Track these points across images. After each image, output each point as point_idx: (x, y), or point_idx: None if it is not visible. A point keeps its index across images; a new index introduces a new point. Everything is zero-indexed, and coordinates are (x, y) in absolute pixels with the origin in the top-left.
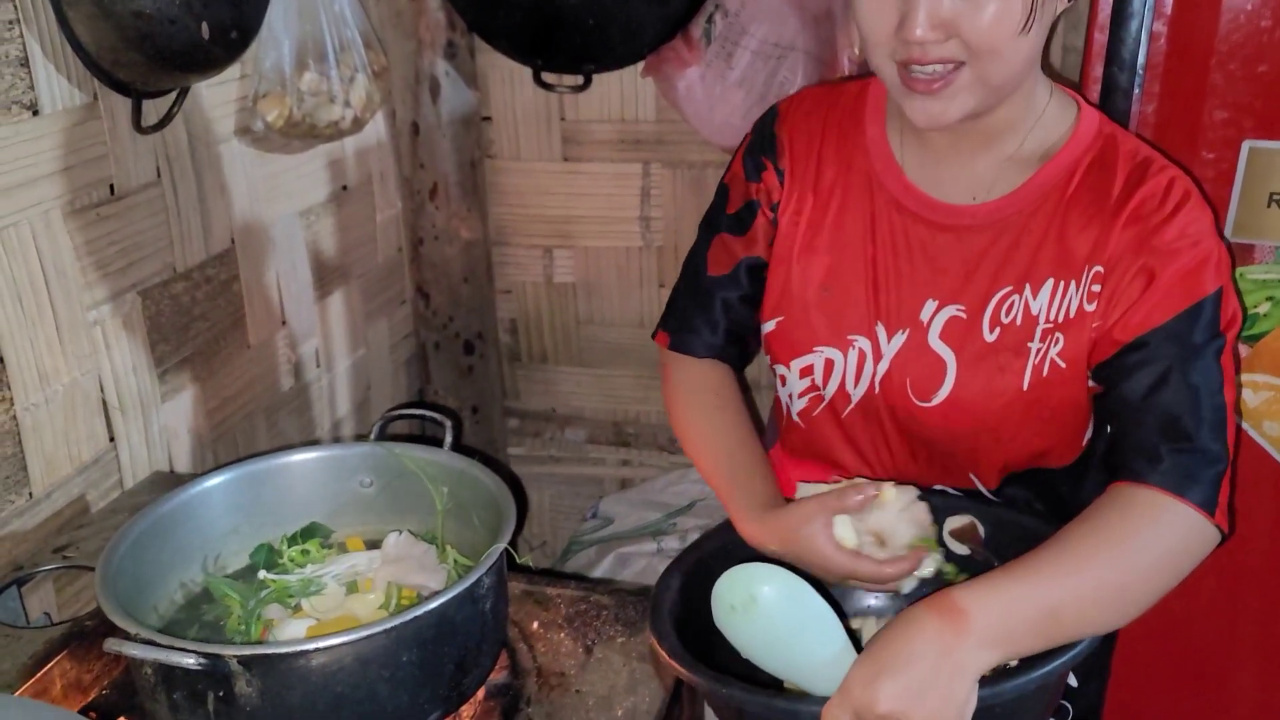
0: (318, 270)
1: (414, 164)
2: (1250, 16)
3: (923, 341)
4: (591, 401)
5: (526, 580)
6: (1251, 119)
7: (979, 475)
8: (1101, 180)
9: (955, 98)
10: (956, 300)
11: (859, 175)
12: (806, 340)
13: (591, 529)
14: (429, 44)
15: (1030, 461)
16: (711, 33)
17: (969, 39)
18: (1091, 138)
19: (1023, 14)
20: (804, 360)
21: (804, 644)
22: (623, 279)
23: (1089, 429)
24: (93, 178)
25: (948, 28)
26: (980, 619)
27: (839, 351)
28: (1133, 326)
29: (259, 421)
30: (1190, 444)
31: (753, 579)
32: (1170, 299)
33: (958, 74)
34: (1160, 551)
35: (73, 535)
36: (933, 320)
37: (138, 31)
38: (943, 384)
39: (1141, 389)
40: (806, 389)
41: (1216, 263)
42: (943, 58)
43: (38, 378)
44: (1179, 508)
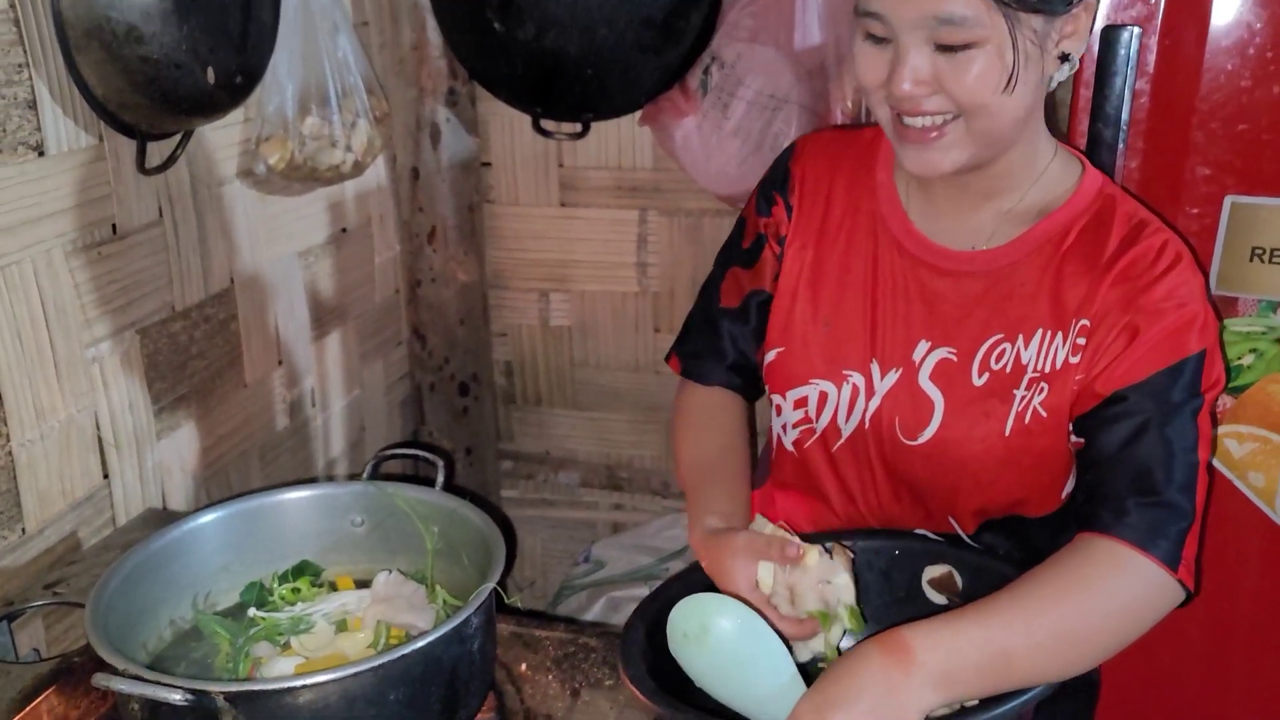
0: (315, 311)
1: (413, 207)
2: (1230, 77)
3: (913, 381)
4: (585, 445)
5: (515, 622)
6: (1233, 175)
7: (958, 519)
8: (1096, 238)
9: (949, 149)
10: (948, 343)
11: (865, 217)
12: (803, 372)
13: (583, 573)
14: (431, 91)
15: (1009, 509)
16: (708, 84)
17: (954, 95)
18: (1092, 197)
19: (1003, 73)
20: (799, 391)
21: (754, 675)
22: (618, 323)
23: (1069, 481)
24: (96, 217)
25: (932, 84)
26: (927, 658)
27: (833, 385)
28: (1113, 380)
29: (253, 460)
30: (1158, 498)
31: (707, 609)
32: (1153, 356)
33: (951, 126)
34: (1119, 604)
35: (64, 572)
36: (924, 361)
37: (144, 76)
38: (929, 424)
39: (1116, 442)
40: (800, 420)
41: (1202, 326)
42: (934, 110)
43: (34, 414)
44: (1141, 561)
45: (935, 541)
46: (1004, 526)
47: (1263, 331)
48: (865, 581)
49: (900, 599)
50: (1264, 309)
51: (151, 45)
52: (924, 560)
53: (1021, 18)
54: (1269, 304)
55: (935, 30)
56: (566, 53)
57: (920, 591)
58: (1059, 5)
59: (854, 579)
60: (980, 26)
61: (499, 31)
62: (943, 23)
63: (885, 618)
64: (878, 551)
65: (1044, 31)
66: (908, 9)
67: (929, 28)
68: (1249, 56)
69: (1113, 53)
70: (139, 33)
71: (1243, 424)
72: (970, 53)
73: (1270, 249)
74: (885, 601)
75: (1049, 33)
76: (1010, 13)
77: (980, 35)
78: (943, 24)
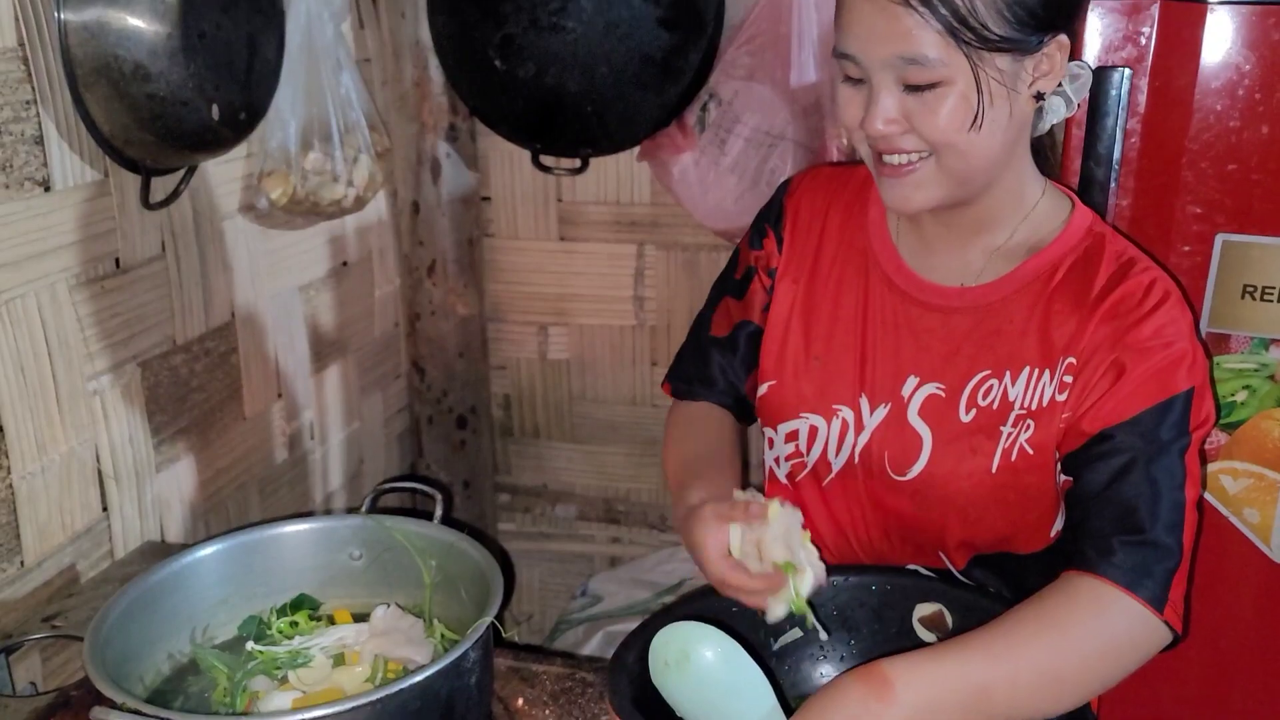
0: (315, 344)
1: (413, 241)
2: (1219, 117)
3: (902, 416)
4: (583, 478)
5: (512, 656)
6: (1223, 214)
7: (947, 554)
8: (1084, 275)
9: (921, 186)
10: (937, 379)
11: (857, 253)
12: (794, 406)
13: (580, 607)
14: (431, 127)
15: (997, 545)
16: (705, 120)
17: (923, 134)
18: (1081, 235)
19: (970, 113)
20: (790, 425)
21: (734, 704)
22: (616, 357)
23: (1057, 519)
24: (100, 252)
25: (903, 123)
26: (906, 691)
27: (823, 419)
28: (1100, 419)
29: (252, 493)
30: (1144, 537)
31: (688, 638)
32: (1140, 394)
33: (924, 164)
34: (1101, 643)
35: (62, 604)
36: (913, 396)
37: (150, 112)
38: (918, 460)
39: (1102, 480)
40: (791, 453)
41: (1190, 364)
42: (909, 148)
43: (35, 447)
44: (1126, 601)
45: (926, 579)
46: (993, 563)
47: (1255, 368)
48: (856, 618)
49: (892, 635)
50: (1256, 346)
51: (158, 83)
52: (915, 597)
53: (986, 57)
54: (1261, 341)
55: (903, 70)
56: (566, 90)
57: (911, 629)
58: (1025, 44)
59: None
60: (945, 66)
61: (500, 69)
62: (909, 63)
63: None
64: (869, 588)
65: (1012, 71)
66: (875, 50)
67: (897, 68)
68: (1238, 97)
69: (1104, 93)
70: (146, 70)
71: (1237, 460)
72: (938, 92)
73: (1261, 286)
74: (876, 639)
75: (1018, 72)
76: (973, 52)
77: (946, 75)
78: (909, 64)
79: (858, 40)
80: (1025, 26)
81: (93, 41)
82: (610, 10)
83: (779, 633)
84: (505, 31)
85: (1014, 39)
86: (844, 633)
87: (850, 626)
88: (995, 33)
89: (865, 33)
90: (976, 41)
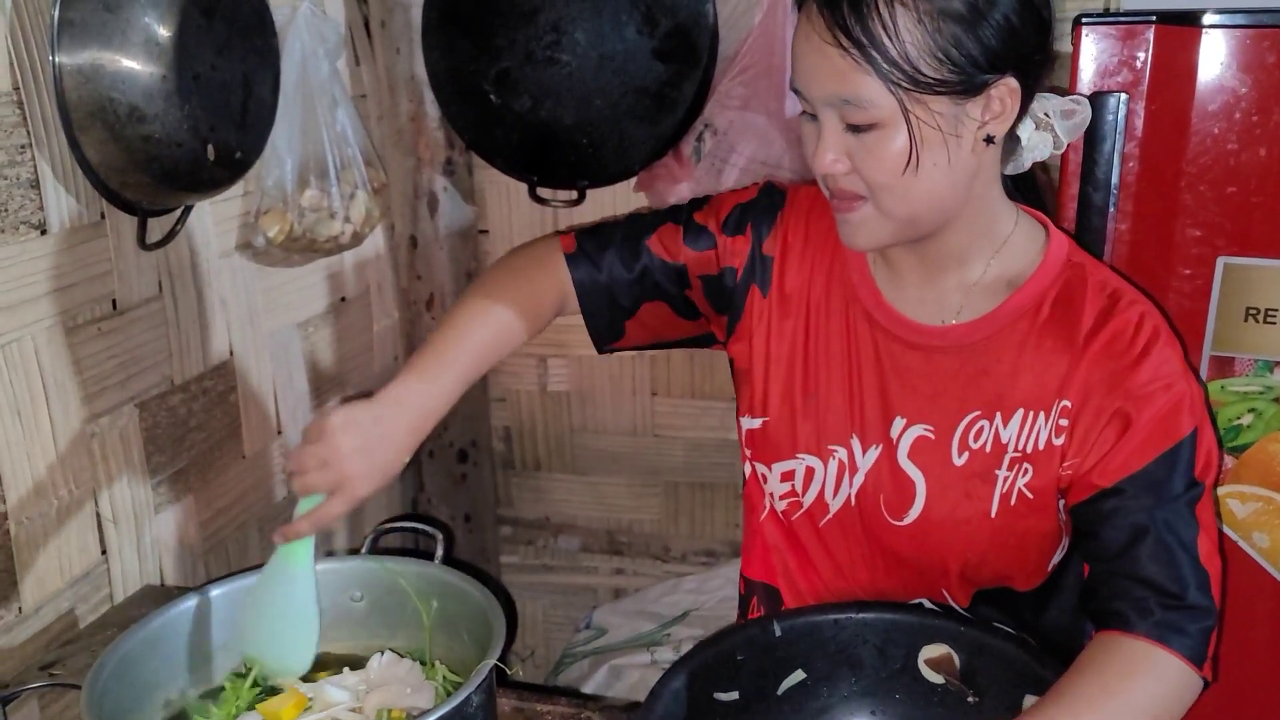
0: (315, 380)
1: (411, 275)
2: (1217, 140)
3: (893, 459)
4: (585, 510)
5: (516, 696)
6: (1224, 237)
7: (950, 592)
8: (1070, 312)
9: (864, 225)
10: (923, 420)
11: (839, 285)
12: (789, 446)
13: (585, 640)
14: (428, 161)
15: (997, 582)
16: (701, 150)
17: (864, 175)
18: (1060, 267)
19: (903, 156)
20: (786, 465)
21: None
22: (616, 388)
23: (1056, 555)
24: (96, 294)
25: (845, 162)
26: None
27: (819, 461)
28: (1110, 473)
29: (251, 533)
30: (1180, 601)
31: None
32: (1147, 445)
33: (863, 205)
34: (1154, 704)
35: (60, 652)
36: (901, 438)
37: (146, 154)
38: (913, 505)
39: (1123, 539)
40: (787, 493)
41: (1191, 403)
42: (846, 190)
43: (34, 491)
44: (1172, 661)
45: (931, 616)
46: (993, 597)
47: (1260, 391)
48: (859, 655)
49: (895, 671)
50: (1260, 368)
51: (154, 125)
52: (921, 636)
53: (922, 99)
54: (1265, 364)
55: (842, 110)
56: (562, 123)
57: (915, 666)
58: (965, 86)
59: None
60: (879, 109)
61: (495, 103)
62: (845, 103)
63: (879, 691)
64: (872, 626)
65: (952, 115)
66: (816, 89)
67: (837, 106)
68: (1235, 120)
69: (1101, 118)
70: (141, 113)
71: (1245, 484)
72: (876, 134)
73: (1264, 309)
74: (879, 676)
75: (959, 116)
76: (905, 95)
77: (881, 117)
78: (845, 104)
79: (802, 78)
80: (963, 70)
81: (88, 85)
82: (604, 43)
83: (781, 676)
84: (500, 65)
85: (950, 81)
86: (846, 670)
87: (853, 664)
88: (929, 76)
89: (808, 71)
90: (909, 84)
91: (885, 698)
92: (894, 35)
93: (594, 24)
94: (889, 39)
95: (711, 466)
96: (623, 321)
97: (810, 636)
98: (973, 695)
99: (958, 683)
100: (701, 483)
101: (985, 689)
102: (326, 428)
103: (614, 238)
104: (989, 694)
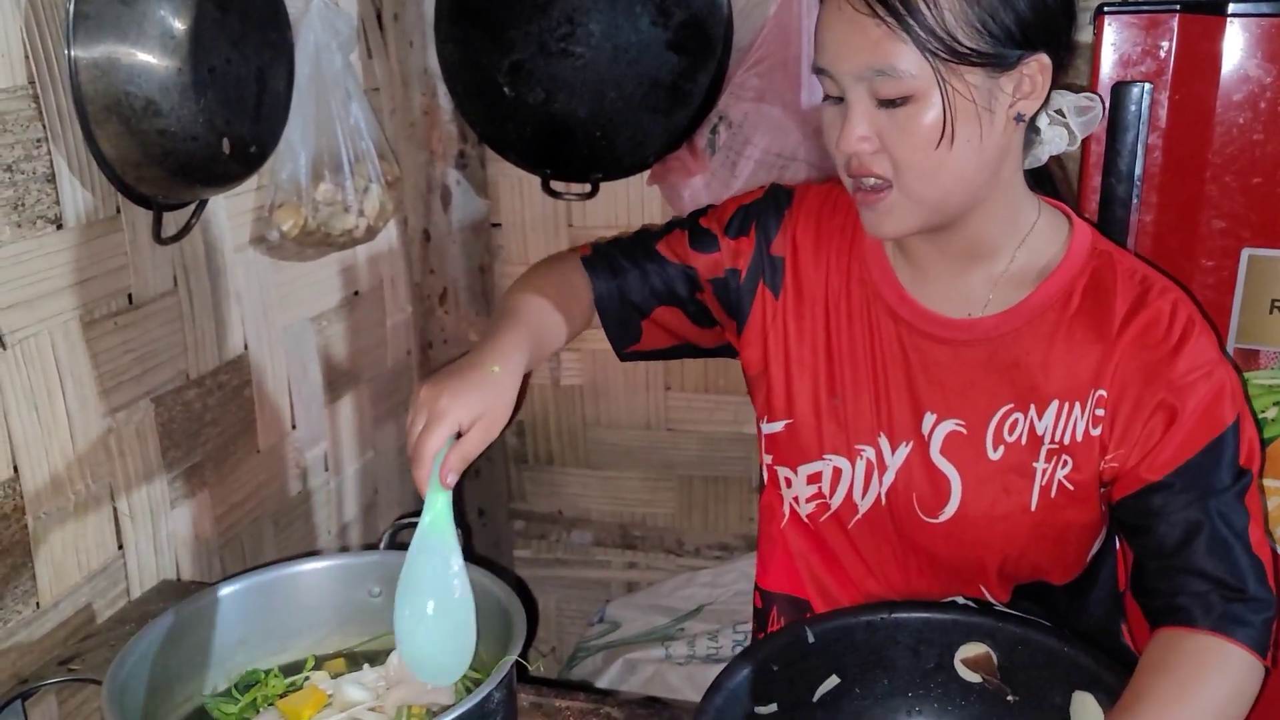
0: (328, 375)
1: (425, 269)
2: (1243, 130)
3: (925, 456)
4: (598, 504)
5: (534, 691)
6: (1249, 229)
7: (988, 588)
8: (1101, 301)
9: (891, 212)
10: (955, 415)
11: (858, 282)
12: (815, 447)
13: (598, 634)
14: (441, 155)
15: (1033, 576)
16: (715, 143)
17: (893, 153)
18: (1086, 256)
19: (936, 130)
20: (812, 467)
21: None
22: (629, 382)
23: (1094, 546)
24: (112, 288)
25: (875, 141)
26: None
27: (847, 461)
28: (1159, 466)
29: (266, 527)
30: (1243, 594)
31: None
32: (1194, 436)
33: (887, 193)
34: (1227, 698)
35: (78, 646)
36: (933, 434)
37: (161, 148)
38: (948, 502)
39: (1177, 535)
40: (813, 495)
41: (1232, 391)
42: (873, 171)
43: (51, 486)
44: (1241, 654)
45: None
46: (1030, 593)
47: None
48: (891, 656)
49: (929, 670)
50: None
51: (169, 118)
52: (956, 635)
53: (958, 71)
54: None
55: (874, 83)
56: (575, 115)
57: (950, 664)
58: (1000, 60)
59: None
60: (915, 79)
61: (509, 96)
62: (878, 74)
63: (914, 692)
64: (904, 626)
65: (986, 88)
66: (847, 64)
67: (868, 81)
68: (1260, 110)
69: (1124, 108)
70: (157, 106)
71: (1270, 478)
72: (909, 108)
73: None
74: (912, 676)
75: (993, 90)
76: (943, 65)
77: (916, 88)
78: (878, 76)
79: (831, 54)
80: (999, 41)
81: (103, 78)
82: (618, 35)
83: (816, 683)
84: (514, 58)
85: (986, 53)
86: (880, 672)
87: (886, 666)
88: (966, 45)
89: (837, 46)
90: (946, 54)
91: (921, 699)
92: (931, 3)
93: (608, 15)
94: (926, 6)
95: (726, 461)
96: (638, 321)
97: (843, 640)
98: (1012, 695)
99: (996, 681)
100: (716, 476)
101: (1025, 686)
102: (418, 396)
103: (625, 243)
104: (1029, 691)
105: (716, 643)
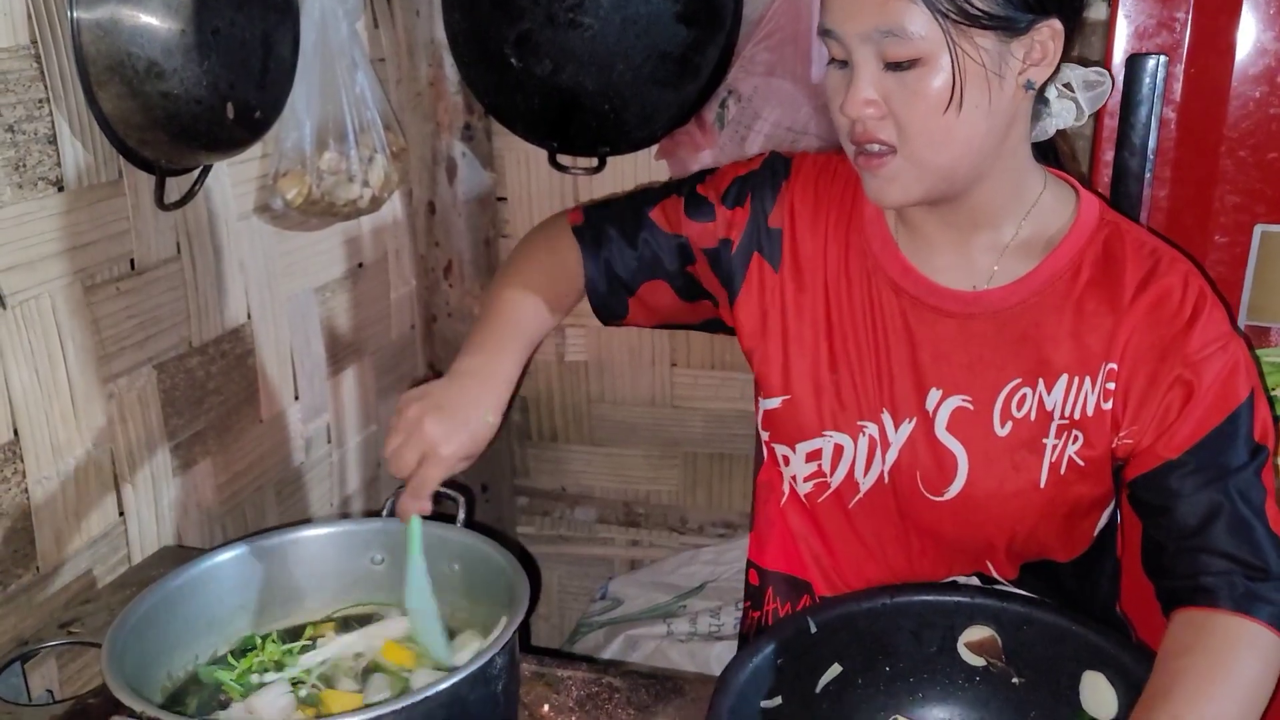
0: (331, 346)
1: (429, 242)
2: (1258, 105)
3: (930, 433)
4: (601, 480)
5: (537, 661)
6: (1263, 204)
7: (995, 567)
8: (1111, 273)
9: (894, 180)
10: (961, 391)
11: (857, 254)
12: (814, 424)
13: (600, 610)
14: (447, 126)
15: (1040, 554)
16: (725, 117)
17: (899, 118)
18: (1094, 227)
19: (945, 94)
20: (811, 444)
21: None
22: (634, 358)
23: (1101, 521)
24: (114, 253)
25: (881, 106)
26: None
27: (849, 438)
28: (1177, 444)
29: (269, 496)
30: (1265, 573)
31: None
32: (1211, 411)
33: (891, 158)
34: (1257, 677)
35: (78, 610)
36: (938, 410)
37: (164, 111)
38: (954, 479)
39: (1199, 513)
40: (813, 474)
41: (1245, 365)
42: (877, 137)
43: (51, 451)
44: (1262, 632)
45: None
46: (1035, 570)
47: None
48: (894, 642)
49: (931, 654)
50: None
51: (172, 81)
52: (959, 617)
53: (968, 33)
54: None
55: (881, 45)
56: (583, 88)
57: (953, 648)
58: (1011, 23)
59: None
60: (924, 40)
61: (516, 67)
62: (886, 35)
63: (914, 677)
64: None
65: (997, 52)
66: (854, 24)
67: (876, 42)
68: (1277, 84)
69: (1138, 81)
70: (160, 69)
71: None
72: (917, 71)
73: None
74: (914, 660)
75: (1004, 55)
76: (953, 26)
77: (925, 50)
78: (886, 37)
79: (838, 14)
80: (1012, 4)
81: (106, 39)
82: (627, 6)
83: (819, 673)
84: (521, 29)
85: (999, 16)
86: (882, 658)
87: (888, 651)
88: (978, 7)
89: (845, 5)
90: (957, 15)
91: (925, 684)
92: None
93: None
94: None
95: (731, 438)
96: (625, 299)
97: (845, 629)
98: (1017, 676)
99: (1001, 664)
100: (720, 454)
101: (1032, 667)
102: (399, 407)
103: (618, 208)
104: (1036, 672)
105: (719, 620)
